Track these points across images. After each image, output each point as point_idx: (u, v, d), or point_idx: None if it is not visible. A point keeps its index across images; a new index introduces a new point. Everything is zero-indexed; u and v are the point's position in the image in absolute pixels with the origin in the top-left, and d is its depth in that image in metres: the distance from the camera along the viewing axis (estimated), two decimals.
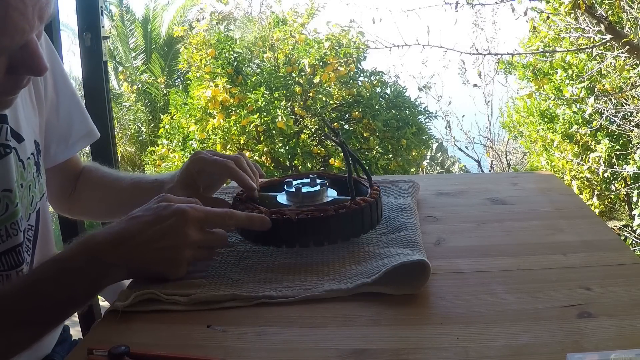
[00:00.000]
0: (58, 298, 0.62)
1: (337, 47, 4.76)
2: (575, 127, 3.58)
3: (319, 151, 4.76)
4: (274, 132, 4.58)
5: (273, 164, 4.86)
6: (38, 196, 0.79)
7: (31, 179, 0.77)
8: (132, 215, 0.67)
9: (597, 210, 3.60)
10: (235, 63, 4.77)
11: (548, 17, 3.14)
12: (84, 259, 0.63)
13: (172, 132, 4.99)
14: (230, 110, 4.67)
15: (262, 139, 4.73)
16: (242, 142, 4.66)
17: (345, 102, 4.97)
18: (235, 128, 4.55)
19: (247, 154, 4.67)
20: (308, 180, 0.82)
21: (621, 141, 3.47)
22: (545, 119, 3.80)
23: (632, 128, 3.34)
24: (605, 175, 3.46)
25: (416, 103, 5.03)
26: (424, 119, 5.04)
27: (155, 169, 5.04)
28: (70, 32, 4.89)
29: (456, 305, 0.62)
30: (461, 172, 6.23)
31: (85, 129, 0.93)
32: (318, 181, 0.81)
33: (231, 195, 0.88)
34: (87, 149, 1.79)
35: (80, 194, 0.96)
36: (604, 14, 2.69)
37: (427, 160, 6.73)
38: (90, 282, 0.64)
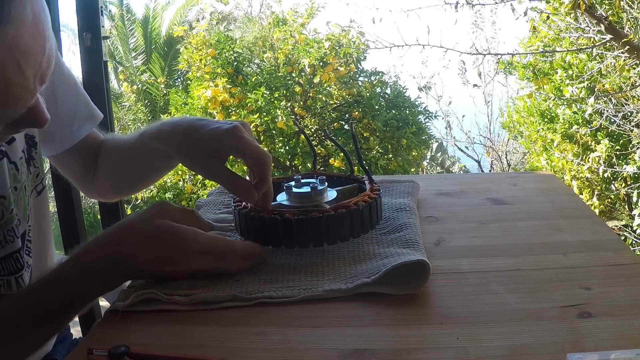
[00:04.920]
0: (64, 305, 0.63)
1: (337, 47, 4.76)
2: (575, 127, 3.58)
3: (319, 151, 4.76)
4: (274, 132, 4.58)
5: (273, 164, 4.85)
6: (29, 191, 0.78)
7: (25, 179, 0.76)
8: (129, 227, 0.67)
9: (597, 210, 3.60)
10: (235, 63, 4.77)
11: (548, 17, 3.14)
12: (80, 279, 0.63)
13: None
14: (230, 110, 4.68)
15: (262, 139, 4.73)
16: None
17: (345, 102, 4.97)
18: None
19: None
20: (310, 180, 0.82)
21: (621, 141, 3.47)
22: (545, 119, 3.80)
23: (632, 128, 3.34)
24: (605, 175, 3.46)
25: (416, 103, 5.03)
26: (424, 119, 5.04)
27: None
28: (70, 32, 4.90)
29: (456, 305, 0.62)
30: (461, 172, 6.23)
31: (87, 112, 0.90)
32: (319, 181, 0.81)
33: (231, 196, 0.87)
34: None
35: (102, 169, 0.93)
36: (604, 14, 2.69)
37: (427, 160, 6.73)
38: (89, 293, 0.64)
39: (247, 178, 0.75)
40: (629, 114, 3.33)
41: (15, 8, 0.47)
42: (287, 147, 4.68)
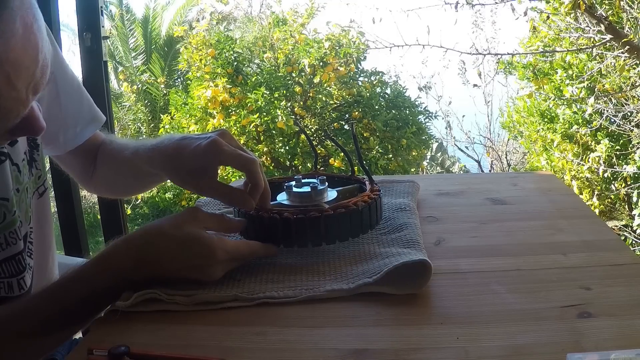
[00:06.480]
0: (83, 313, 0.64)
1: (337, 47, 4.76)
2: (575, 127, 3.58)
3: (319, 151, 4.76)
4: (273, 132, 4.59)
5: (273, 164, 4.86)
6: (31, 192, 0.78)
7: (27, 180, 0.76)
8: (160, 231, 0.67)
9: (597, 210, 3.60)
10: (235, 63, 4.77)
11: (548, 17, 3.14)
12: (106, 278, 0.64)
13: (172, 132, 4.99)
14: (230, 110, 4.68)
15: (262, 139, 4.73)
16: (242, 142, 4.66)
17: (345, 102, 4.97)
18: (235, 128, 4.56)
19: None
20: (311, 180, 0.82)
21: (621, 141, 3.47)
22: (545, 119, 3.80)
23: (632, 128, 3.34)
24: (605, 175, 3.46)
25: (416, 103, 5.03)
26: (424, 119, 5.05)
27: None
28: (70, 32, 4.90)
29: (456, 305, 0.62)
30: (461, 172, 6.23)
31: (90, 115, 0.91)
32: (319, 181, 0.81)
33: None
34: None
35: (99, 171, 0.94)
36: (604, 14, 2.69)
37: (427, 160, 6.73)
38: (112, 297, 0.64)
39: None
40: (629, 114, 3.33)
41: (5, 23, 0.47)
42: (287, 147, 4.69)
